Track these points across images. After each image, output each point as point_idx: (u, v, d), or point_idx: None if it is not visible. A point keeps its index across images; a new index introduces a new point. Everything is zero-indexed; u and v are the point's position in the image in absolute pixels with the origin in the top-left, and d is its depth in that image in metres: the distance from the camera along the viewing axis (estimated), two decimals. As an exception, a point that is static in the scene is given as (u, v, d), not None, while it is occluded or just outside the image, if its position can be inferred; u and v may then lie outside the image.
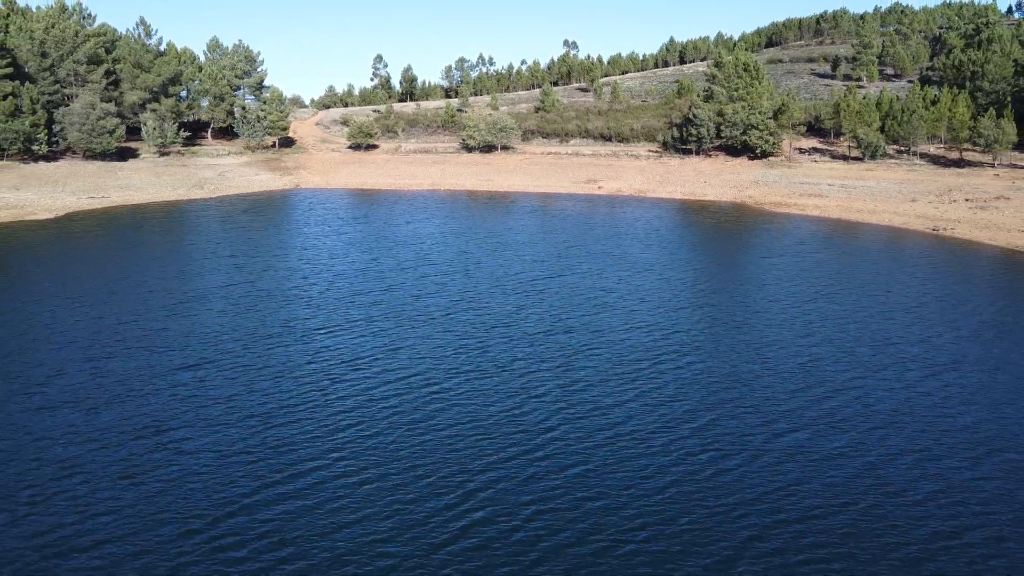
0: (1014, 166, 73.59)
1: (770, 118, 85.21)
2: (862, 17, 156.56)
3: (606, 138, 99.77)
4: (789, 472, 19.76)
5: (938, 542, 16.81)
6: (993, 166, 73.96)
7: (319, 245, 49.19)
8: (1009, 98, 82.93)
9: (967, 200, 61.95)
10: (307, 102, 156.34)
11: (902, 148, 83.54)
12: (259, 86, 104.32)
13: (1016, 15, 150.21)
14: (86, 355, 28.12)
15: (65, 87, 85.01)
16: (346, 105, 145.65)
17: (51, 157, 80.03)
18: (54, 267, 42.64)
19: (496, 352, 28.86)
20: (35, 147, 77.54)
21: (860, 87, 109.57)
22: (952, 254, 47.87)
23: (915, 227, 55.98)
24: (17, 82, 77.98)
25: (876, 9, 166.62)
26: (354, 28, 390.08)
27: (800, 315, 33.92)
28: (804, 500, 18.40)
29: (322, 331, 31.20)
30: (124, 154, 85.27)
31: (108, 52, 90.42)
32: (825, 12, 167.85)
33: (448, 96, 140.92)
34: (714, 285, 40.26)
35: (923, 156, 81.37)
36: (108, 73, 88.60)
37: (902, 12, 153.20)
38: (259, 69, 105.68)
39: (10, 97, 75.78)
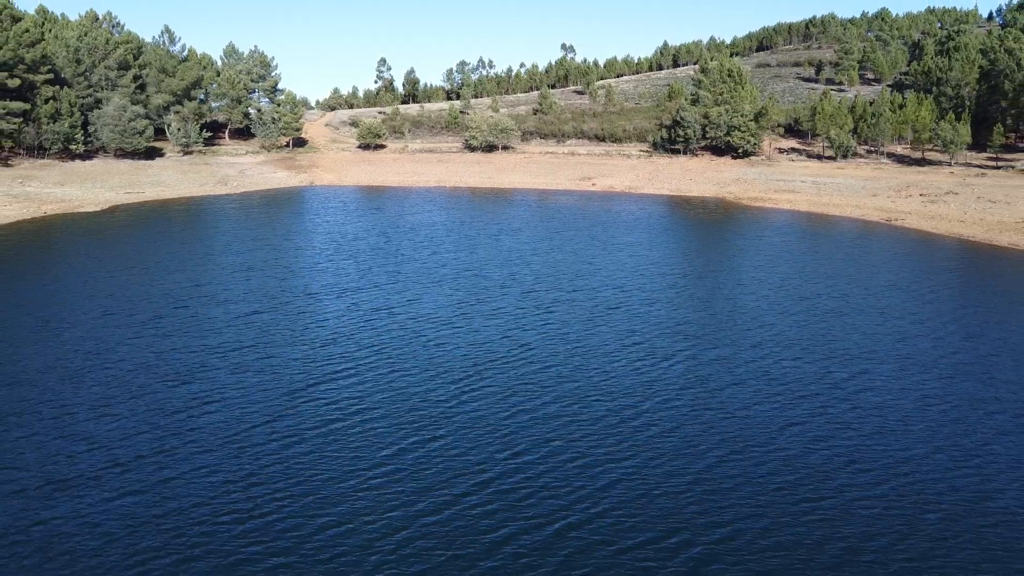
0: (968, 165, 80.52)
1: (751, 120, 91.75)
2: (849, 23, 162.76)
3: (600, 139, 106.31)
4: (714, 379, 26.92)
5: (827, 422, 23.80)
6: (950, 164, 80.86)
7: (341, 231, 56.01)
8: (971, 102, 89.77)
9: (921, 195, 68.72)
10: (313, 104, 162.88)
11: (872, 148, 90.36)
12: (273, 89, 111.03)
13: (997, 20, 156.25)
14: (177, 304, 35.84)
15: (97, 91, 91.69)
16: (351, 107, 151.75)
17: (85, 156, 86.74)
18: (117, 249, 49.38)
19: (494, 301, 36.46)
20: (72, 146, 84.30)
21: (841, 91, 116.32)
22: (895, 239, 54.71)
23: (872, 218, 62.77)
24: (57, 87, 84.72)
25: (863, 14, 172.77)
26: (358, 32, 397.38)
27: (744, 279, 41.11)
28: (725, 398, 25.40)
29: (356, 290, 38.56)
30: (151, 153, 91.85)
31: (135, 58, 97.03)
32: (814, 17, 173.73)
33: (449, 98, 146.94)
34: (681, 259, 47.20)
35: (890, 155, 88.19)
36: (135, 78, 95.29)
37: (883, 19, 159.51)
38: (273, 73, 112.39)
39: (51, 101, 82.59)
